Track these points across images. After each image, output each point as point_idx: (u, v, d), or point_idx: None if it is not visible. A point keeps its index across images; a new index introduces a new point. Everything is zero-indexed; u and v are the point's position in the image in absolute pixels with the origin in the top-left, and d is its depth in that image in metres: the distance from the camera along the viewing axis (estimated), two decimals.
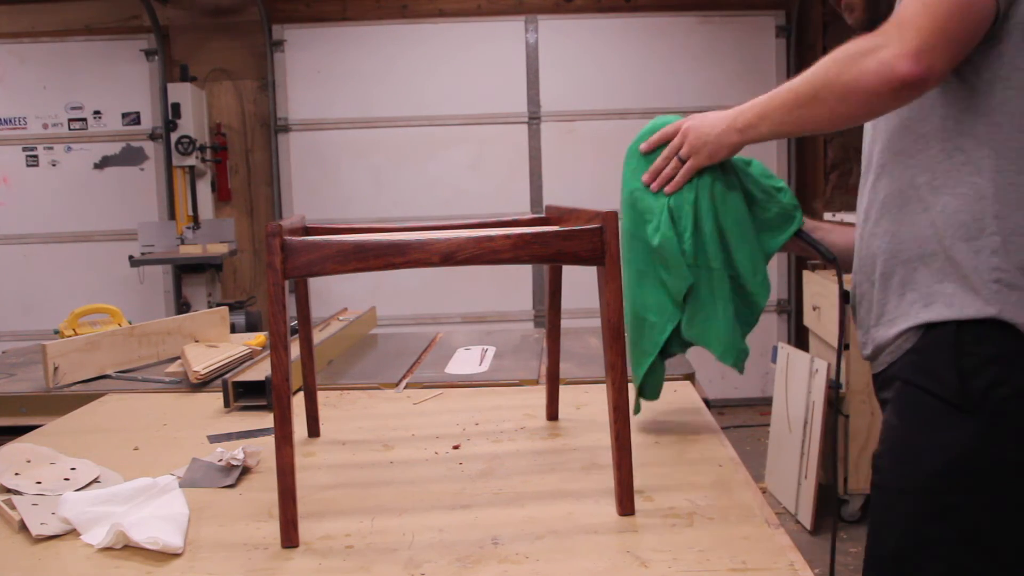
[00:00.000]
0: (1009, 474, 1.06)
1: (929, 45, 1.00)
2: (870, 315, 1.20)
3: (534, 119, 5.09)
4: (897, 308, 1.15)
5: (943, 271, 1.10)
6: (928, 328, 1.11)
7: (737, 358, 1.29)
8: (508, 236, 1.04)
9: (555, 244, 1.05)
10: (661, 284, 1.29)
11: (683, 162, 1.26)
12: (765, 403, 4.55)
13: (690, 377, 1.73)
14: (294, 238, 1.02)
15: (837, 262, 1.33)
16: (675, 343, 1.32)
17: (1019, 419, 1.05)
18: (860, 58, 1.04)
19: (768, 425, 3.76)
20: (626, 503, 1.06)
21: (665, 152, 1.28)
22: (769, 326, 5.06)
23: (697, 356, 1.90)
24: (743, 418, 4.78)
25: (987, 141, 1.06)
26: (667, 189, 1.27)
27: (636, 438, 1.34)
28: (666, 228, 1.26)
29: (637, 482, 1.15)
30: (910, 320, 1.12)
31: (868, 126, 1.25)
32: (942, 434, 1.08)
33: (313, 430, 1.43)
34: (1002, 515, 1.06)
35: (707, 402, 1.57)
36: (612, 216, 1.05)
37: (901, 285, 1.14)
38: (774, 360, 3.61)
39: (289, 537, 1.00)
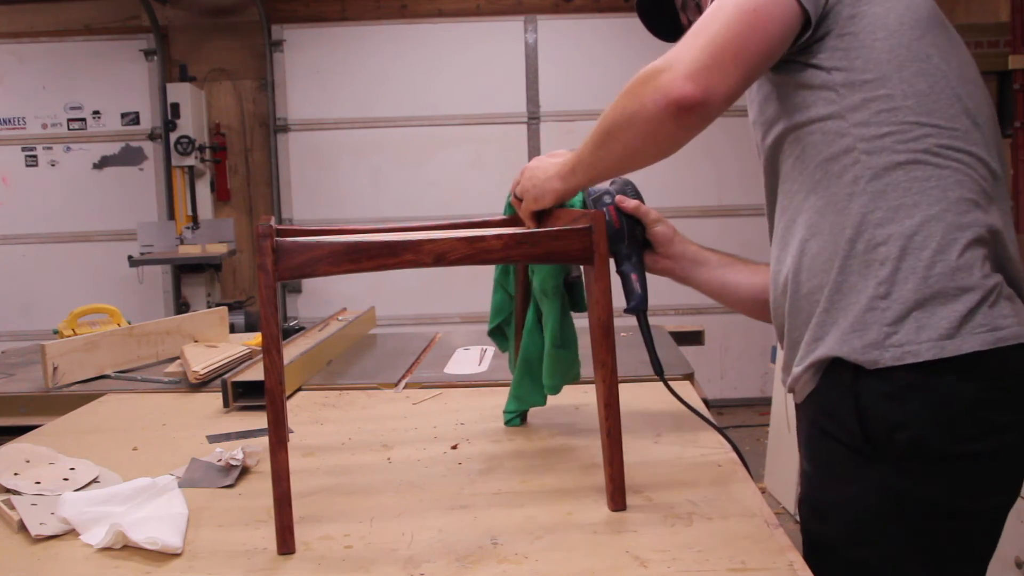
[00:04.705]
0: (918, 523, 1.00)
1: (704, 65, 0.96)
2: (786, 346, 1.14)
3: (533, 119, 5.09)
4: (799, 344, 1.08)
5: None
6: (831, 364, 1.03)
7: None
8: (499, 236, 1.05)
9: (545, 244, 1.06)
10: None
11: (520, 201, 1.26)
12: (764, 403, 4.55)
13: (689, 377, 1.73)
14: (286, 239, 1.01)
15: (639, 311, 1.27)
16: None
17: (922, 466, 0.98)
18: (641, 87, 1.00)
19: (767, 425, 3.75)
20: (617, 499, 1.06)
21: (512, 188, 1.27)
22: (768, 327, 5.04)
23: (697, 356, 1.90)
24: (742, 418, 4.78)
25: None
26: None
27: (636, 438, 1.34)
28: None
29: (637, 482, 1.15)
30: (810, 356, 1.05)
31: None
32: (850, 486, 1.02)
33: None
34: (913, 567, 1.01)
35: (706, 402, 1.57)
36: (600, 216, 1.07)
37: (807, 319, 1.07)
38: (773, 360, 3.62)
39: (286, 543, 0.98)
